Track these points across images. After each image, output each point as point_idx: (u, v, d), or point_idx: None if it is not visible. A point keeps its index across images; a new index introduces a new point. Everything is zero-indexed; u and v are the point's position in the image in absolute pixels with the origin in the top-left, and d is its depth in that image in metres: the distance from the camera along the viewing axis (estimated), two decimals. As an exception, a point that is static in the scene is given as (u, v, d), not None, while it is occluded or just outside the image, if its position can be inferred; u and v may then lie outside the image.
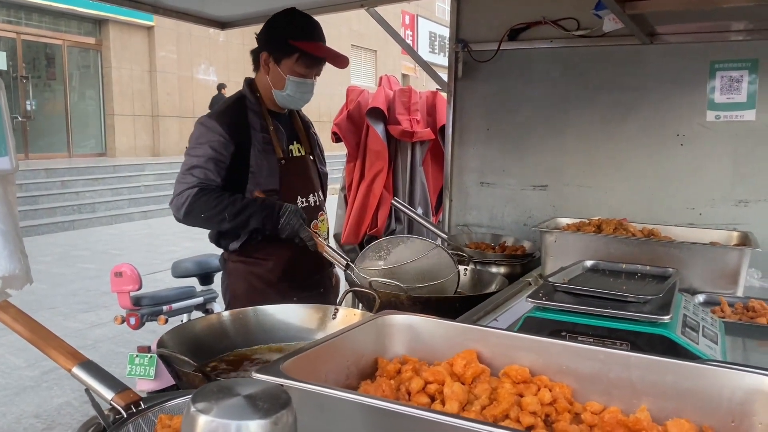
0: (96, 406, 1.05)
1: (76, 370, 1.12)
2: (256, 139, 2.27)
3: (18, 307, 1.25)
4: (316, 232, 2.24)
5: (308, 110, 2.62)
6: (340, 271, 2.59)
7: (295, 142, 2.44)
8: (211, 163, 2.18)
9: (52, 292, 6.52)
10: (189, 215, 2.16)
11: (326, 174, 2.62)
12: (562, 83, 2.95)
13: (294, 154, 2.41)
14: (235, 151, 2.22)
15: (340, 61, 2.31)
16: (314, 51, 2.25)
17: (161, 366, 3.18)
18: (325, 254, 2.17)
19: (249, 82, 2.38)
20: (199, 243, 9.03)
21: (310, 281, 2.44)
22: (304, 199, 2.40)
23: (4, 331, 5.00)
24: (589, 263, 1.72)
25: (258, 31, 2.37)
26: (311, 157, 2.50)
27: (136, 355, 3.28)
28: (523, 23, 2.97)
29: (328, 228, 2.56)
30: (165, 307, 3.71)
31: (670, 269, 1.62)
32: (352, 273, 2.10)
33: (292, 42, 2.23)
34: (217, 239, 2.41)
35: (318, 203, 2.49)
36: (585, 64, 2.89)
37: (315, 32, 2.30)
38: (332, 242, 6.98)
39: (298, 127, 2.49)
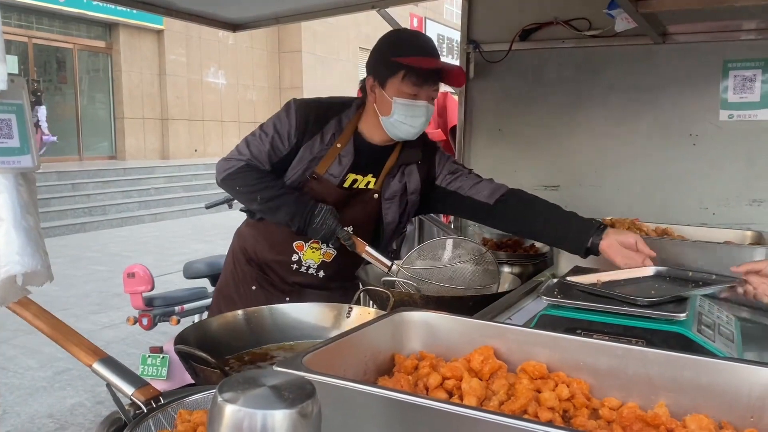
0: (117, 401, 1.06)
1: (97, 366, 1.13)
2: (313, 146, 2.07)
3: (39, 304, 1.26)
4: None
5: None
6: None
7: (362, 175, 2.12)
8: (268, 145, 2.09)
9: (64, 294, 6.57)
10: (225, 182, 2.13)
11: (392, 228, 2.20)
12: (573, 83, 2.96)
13: (346, 184, 2.11)
14: (293, 148, 2.09)
15: (455, 76, 2.05)
16: (421, 64, 1.96)
17: (173, 366, 3.20)
18: (364, 255, 2.03)
19: (363, 102, 2.13)
20: (208, 245, 9.08)
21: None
22: None
23: (17, 332, 5.01)
24: (603, 262, 1.72)
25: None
26: (375, 196, 2.13)
27: (149, 356, 3.29)
28: (534, 24, 2.98)
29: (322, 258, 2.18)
30: (177, 308, 3.73)
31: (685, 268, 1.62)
32: (395, 275, 2.02)
33: (396, 59, 1.96)
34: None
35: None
36: (597, 64, 2.89)
37: (423, 46, 2.03)
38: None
39: (387, 164, 2.14)
